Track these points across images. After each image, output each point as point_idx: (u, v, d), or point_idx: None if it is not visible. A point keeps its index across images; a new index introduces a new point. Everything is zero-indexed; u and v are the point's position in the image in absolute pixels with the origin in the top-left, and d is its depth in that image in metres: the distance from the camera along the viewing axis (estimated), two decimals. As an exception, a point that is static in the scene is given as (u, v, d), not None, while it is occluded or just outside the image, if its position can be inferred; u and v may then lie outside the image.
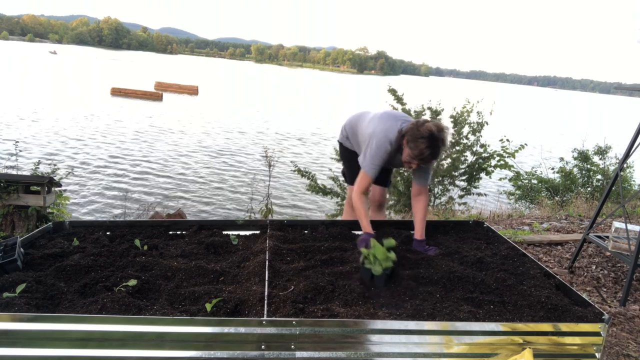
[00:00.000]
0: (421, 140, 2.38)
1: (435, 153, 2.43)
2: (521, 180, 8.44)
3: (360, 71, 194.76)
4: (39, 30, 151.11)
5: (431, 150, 2.39)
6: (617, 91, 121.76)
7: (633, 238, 3.24)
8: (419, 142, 2.38)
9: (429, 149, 2.38)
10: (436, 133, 2.37)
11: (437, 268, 2.19)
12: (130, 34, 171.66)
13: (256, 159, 13.73)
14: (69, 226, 2.58)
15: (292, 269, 2.13)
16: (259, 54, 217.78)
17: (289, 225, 2.74)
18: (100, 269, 2.04)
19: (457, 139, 7.52)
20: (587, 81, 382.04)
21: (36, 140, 13.44)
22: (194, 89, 33.41)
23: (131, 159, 12.73)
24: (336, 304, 1.83)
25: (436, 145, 2.39)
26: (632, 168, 8.39)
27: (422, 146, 2.38)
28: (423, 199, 2.71)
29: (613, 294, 3.37)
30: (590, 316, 1.80)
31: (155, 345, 1.53)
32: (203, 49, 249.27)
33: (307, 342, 1.58)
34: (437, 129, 2.39)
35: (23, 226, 5.00)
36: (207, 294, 1.86)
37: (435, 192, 7.45)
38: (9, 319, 1.51)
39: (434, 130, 2.37)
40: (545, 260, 3.93)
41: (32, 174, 5.51)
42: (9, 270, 1.93)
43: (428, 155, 2.41)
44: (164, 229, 2.64)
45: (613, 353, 2.57)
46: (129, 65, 62.54)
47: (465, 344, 1.64)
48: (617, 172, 3.48)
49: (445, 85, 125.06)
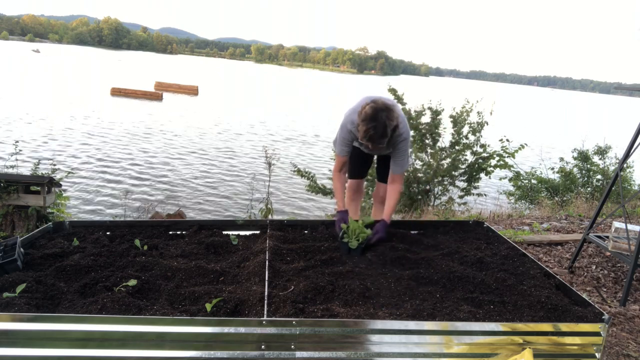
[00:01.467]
0: (363, 123, 2.45)
1: (380, 133, 2.44)
2: (521, 180, 8.44)
3: (360, 71, 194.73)
4: (39, 30, 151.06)
5: (374, 131, 2.42)
6: (617, 91, 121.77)
7: (633, 238, 3.24)
8: (361, 124, 2.46)
9: (371, 129, 2.42)
10: (375, 114, 2.41)
11: (437, 268, 2.19)
12: (130, 34, 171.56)
13: (256, 159, 13.74)
14: (69, 226, 2.58)
15: (292, 269, 2.13)
16: (259, 54, 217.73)
17: (289, 225, 2.75)
18: (100, 269, 2.04)
19: (457, 139, 7.52)
20: (587, 81, 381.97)
21: (36, 140, 13.44)
22: (194, 89, 33.41)
23: (131, 159, 12.73)
24: (336, 304, 1.83)
25: (378, 126, 2.41)
26: (632, 168, 8.38)
27: (364, 127, 2.44)
28: (396, 187, 2.83)
29: (613, 294, 3.37)
30: (590, 316, 1.80)
31: (155, 345, 1.53)
32: (203, 49, 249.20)
33: (307, 342, 1.58)
34: (376, 111, 2.42)
35: (23, 226, 5.00)
36: (207, 294, 1.86)
37: (435, 192, 7.44)
38: (9, 319, 1.51)
39: (370, 112, 2.42)
40: (545, 260, 3.93)
41: (32, 174, 5.51)
42: (9, 270, 1.93)
43: (373, 135, 2.44)
44: (164, 229, 2.64)
45: (613, 353, 2.57)
46: (117, 64, 62.15)
47: (465, 344, 1.64)
48: (617, 172, 3.48)
49: (445, 85, 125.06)
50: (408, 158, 2.91)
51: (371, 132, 2.42)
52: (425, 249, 2.50)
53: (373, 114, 2.41)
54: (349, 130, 2.73)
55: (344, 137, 2.77)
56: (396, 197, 2.82)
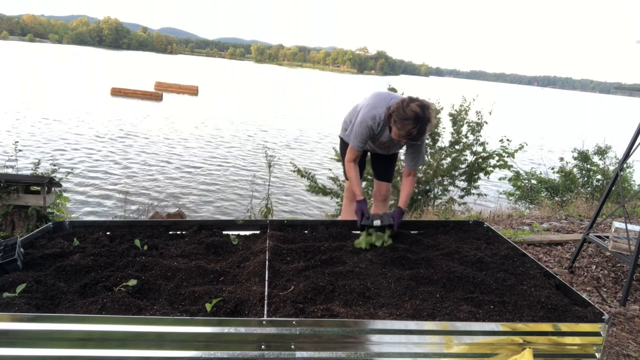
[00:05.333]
0: (407, 122, 2.46)
1: (422, 131, 2.51)
2: (521, 180, 8.44)
3: (360, 71, 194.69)
4: (39, 30, 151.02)
5: (418, 130, 2.48)
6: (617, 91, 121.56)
7: (633, 238, 3.24)
8: (405, 122, 2.47)
9: (415, 129, 2.47)
10: (421, 113, 2.45)
11: (437, 268, 2.19)
12: (130, 34, 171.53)
13: (256, 159, 13.74)
14: (69, 226, 2.58)
15: (292, 269, 2.13)
16: (259, 54, 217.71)
17: (289, 225, 2.74)
18: (100, 269, 2.04)
19: (456, 138, 7.52)
20: (587, 81, 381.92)
21: (36, 140, 13.44)
22: (194, 89, 33.40)
23: (131, 158, 12.73)
24: (336, 304, 1.83)
25: (422, 125, 2.48)
26: (632, 168, 8.38)
27: (409, 127, 2.47)
28: (411, 179, 2.94)
29: (613, 294, 3.37)
30: (590, 316, 1.80)
31: (155, 345, 1.53)
32: (203, 49, 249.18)
33: (307, 342, 1.58)
34: (422, 109, 2.46)
35: (23, 226, 5.00)
36: (207, 294, 1.86)
37: (435, 192, 7.45)
38: (9, 319, 1.51)
39: (419, 111, 2.45)
40: (545, 260, 3.92)
41: (32, 174, 5.51)
42: (9, 270, 1.93)
43: (416, 135, 2.50)
44: (164, 229, 2.63)
45: (613, 353, 2.57)
46: (117, 64, 61.95)
47: (465, 344, 1.64)
48: (617, 172, 3.48)
49: (445, 85, 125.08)
50: (424, 155, 2.98)
51: (415, 132, 2.47)
52: (425, 249, 2.50)
53: (421, 113, 2.44)
54: (369, 126, 2.75)
55: (362, 132, 2.78)
56: (412, 187, 2.93)
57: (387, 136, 2.80)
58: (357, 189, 2.84)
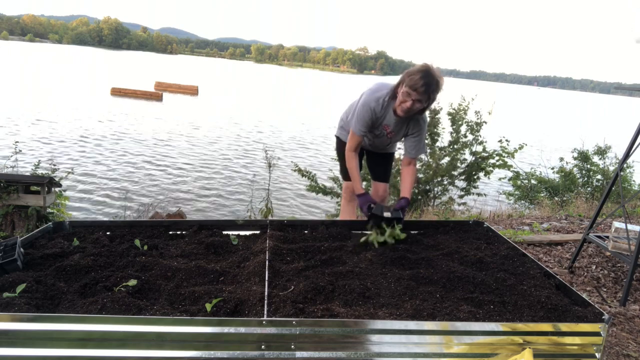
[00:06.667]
0: (417, 73, 2.46)
1: (429, 88, 2.46)
2: (520, 180, 8.44)
3: (360, 71, 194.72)
4: (39, 30, 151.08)
5: (424, 82, 2.43)
6: (617, 91, 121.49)
7: (633, 238, 3.24)
8: (414, 75, 2.46)
9: (422, 79, 2.44)
10: (430, 69, 2.46)
11: (437, 268, 2.19)
12: (130, 34, 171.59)
13: (256, 159, 13.74)
14: (69, 226, 2.58)
15: (292, 269, 2.13)
16: (259, 54, 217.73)
17: (289, 225, 2.74)
18: (100, 269, 2.04)
19: (455, 138, 7.53)
20: (587, 81, 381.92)
21: (36, 140, 13.44)
22: (194, 89, 33.41)
23: (131, 158, 12.73)
24: (336, 304, 1.83)
25: (430, 80, 2.44)
26: (632, 168, 8.38)
27: (416, 77, 2.45)
28: (412, 168, 2.91)
29: (613, 294, 3.37)
30: (590, 316, 1.80)
31: (155, 345, 1.53)
32: (203, 49, 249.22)
33: (307, 342, 1.58)
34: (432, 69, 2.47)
35: (23, 226, 5.00)
36: (207, 294, 1.86)
37: (435, 192, 7.45)
38: (9, 319, 1.51)
39: (428, 66, 2.46)
40: (545, 260, 3.93)
41: (32, 174, 5.51)
42: (9, 270, 1.93)
43: (421, 87, 2.45)
44: (164, 229, 2.63)
45: (613, 353, 2.57)
46: (117, 64, 61.82)
47: (465, 344, 1.64)
48: (617, 172, 3.48)
49: (445, 85, 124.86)
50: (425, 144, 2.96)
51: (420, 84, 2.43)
52: (425, 249, 2.50)
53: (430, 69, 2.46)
54: (372, 108, 2.73)
55: (364, 115, 2.75)
56: (414, 176, 2.91)
57: (391, 119, 2.77)
58: (356, 182, 2.81)
